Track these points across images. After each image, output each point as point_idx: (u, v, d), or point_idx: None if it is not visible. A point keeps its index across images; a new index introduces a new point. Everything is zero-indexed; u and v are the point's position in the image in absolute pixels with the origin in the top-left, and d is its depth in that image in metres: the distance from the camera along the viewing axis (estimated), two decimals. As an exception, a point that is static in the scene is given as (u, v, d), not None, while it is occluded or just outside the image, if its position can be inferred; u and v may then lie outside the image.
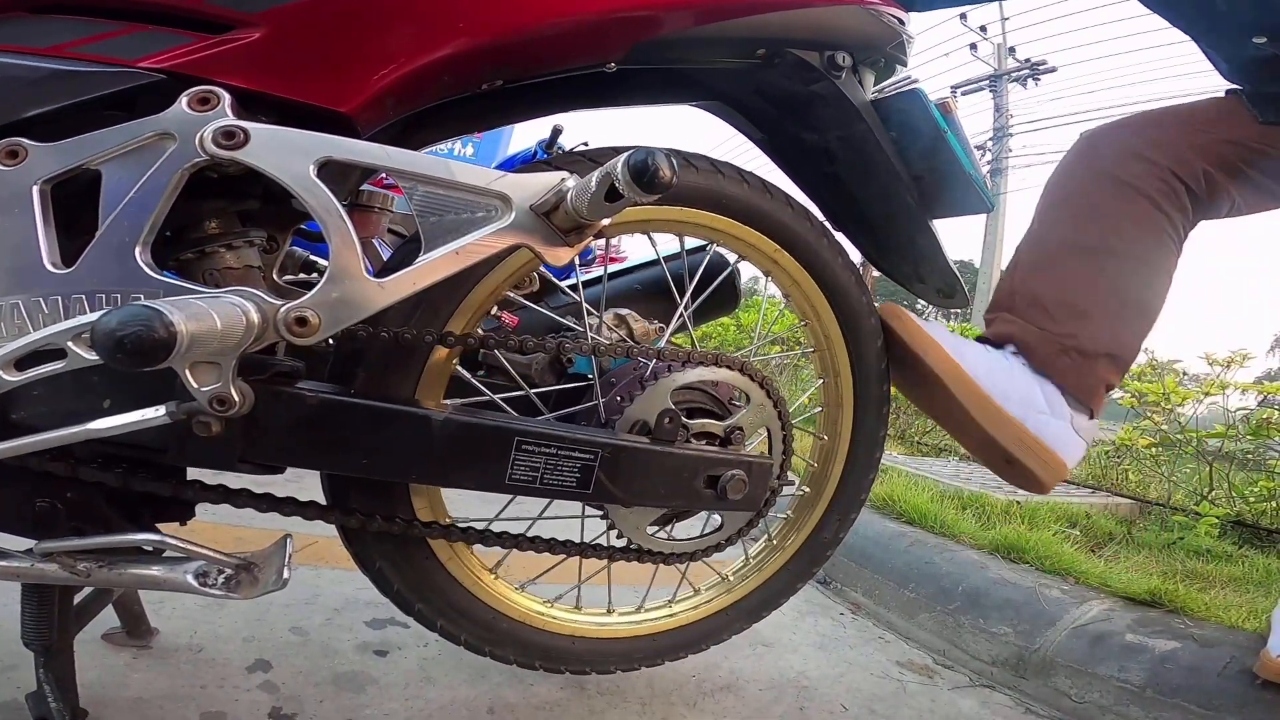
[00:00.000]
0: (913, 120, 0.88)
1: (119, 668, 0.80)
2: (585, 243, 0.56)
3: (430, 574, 0.75)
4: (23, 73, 0.53)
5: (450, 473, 0.60)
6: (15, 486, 0.55)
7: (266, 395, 0.49)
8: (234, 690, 0.80)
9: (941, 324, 0.97)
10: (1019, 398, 0.91)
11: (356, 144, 0.54)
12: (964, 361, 0.90)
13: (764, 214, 0.82)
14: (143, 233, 0.49)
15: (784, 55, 0.80)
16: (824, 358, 0.90)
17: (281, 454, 0.54)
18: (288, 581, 0.52)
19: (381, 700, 0.84)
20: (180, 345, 0.35)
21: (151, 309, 0.35)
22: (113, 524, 0.55)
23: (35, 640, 0.60)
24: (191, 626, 0.91)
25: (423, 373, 0.66)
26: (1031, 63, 11.25)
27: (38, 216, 0.50)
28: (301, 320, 0.47)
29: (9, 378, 0.44)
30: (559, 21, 0.67)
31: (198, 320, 0.37)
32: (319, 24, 0.59)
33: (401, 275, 0.50)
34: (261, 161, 0.51)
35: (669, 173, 0.46)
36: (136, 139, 0.52)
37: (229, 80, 0.56)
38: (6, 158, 0.51)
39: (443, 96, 0.70)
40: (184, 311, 0.36)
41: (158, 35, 0.56)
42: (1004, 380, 0.91)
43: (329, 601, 1.06)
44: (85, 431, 0.45)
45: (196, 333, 0.36)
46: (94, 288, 0.47)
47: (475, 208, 0.54)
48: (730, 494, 0.72)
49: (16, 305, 0.47)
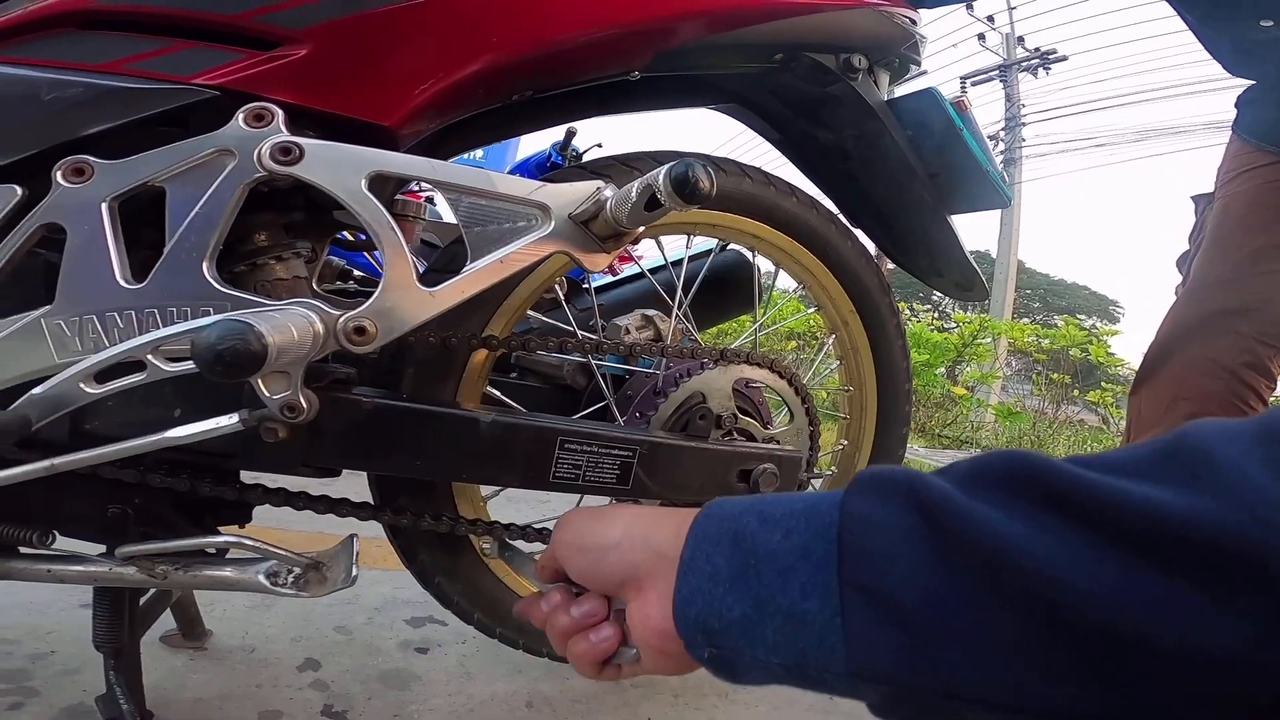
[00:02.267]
0: (927, 119, 0.89)
1: (178, 669, 0.83)
2: (622, 249, 0.58)
3: (474, 571, 0.77)
4: (82, 90, 0.55)
5: (498, 472, 0.63)
6: (87, 494, 0.58)
7: (327, 401, 0.52)
8: (287, 689, 0.83)
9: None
10: None
11: (405, 158, 0.56)
12: None
13: (796, 220, 0.84)
14: (209, 248, 0.51)
15: (800, 59, 0.82)
16: (847, 359, 0.93)
17: (341, 457, 0.57)
18: (356, 579, 0.55)
19: (426, 696, 0.87)
20: (271, 357, 0.37)
21: (244, 323, 0.37)
22: (179, 528, 0.58)
23: (107, 643, 0.62)
24: (243, 628, 0.95)
25: (463, 375, 0.69)
26: (1041, 51, 11.17)
27: (108, 233, 0.52)
28: (360, 329, 0.49)
29: (90, 390, 0.46)
30: (587, 35, 0.69)
31: (281, 333, 0.40)
32: (361, 40, 0.61)
33: (451, 284, 0.53)
34: (316, 176, 0.54)
35: (708, 184, 0.48)
36: (197, 156, 0.54)
37: (279, 96, 0.58)
38: (74, 175, 0.53)
39: (477, 108, 0.73)
40: (270, 324, 0.39)
41: (208, 52, 0.57)
42: None
43: (369, 601, 1.09)
44: (163, 439, 0.48)
45: (282, 344, 0.39)
46: (165, 302, 0.50)
47: (517, 217, 0.56)
48: (762, 486, 0.74)
49: (92, 319, 0.50)
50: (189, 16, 0.57)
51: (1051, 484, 0.26)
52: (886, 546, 0.28)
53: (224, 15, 0.58)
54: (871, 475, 0.31)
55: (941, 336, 5.13)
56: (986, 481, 0.28)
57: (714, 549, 0.33)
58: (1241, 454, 0.24)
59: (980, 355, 5.08)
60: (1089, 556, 0.24)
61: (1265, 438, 0.25)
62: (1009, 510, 0.26)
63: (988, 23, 11.37)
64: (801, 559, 0.30)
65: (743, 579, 0.31)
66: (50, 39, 0.56)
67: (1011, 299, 10.68)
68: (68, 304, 0.50)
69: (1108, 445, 4.32)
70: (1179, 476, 0.25)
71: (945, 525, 0.27)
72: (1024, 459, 0.27)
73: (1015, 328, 5.80)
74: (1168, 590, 0.23)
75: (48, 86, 0.55)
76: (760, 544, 0.31)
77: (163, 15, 0.57)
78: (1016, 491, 0.27)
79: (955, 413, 4.64)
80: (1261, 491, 0.23)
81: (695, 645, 0.33)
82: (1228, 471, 0.24)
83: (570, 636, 0.40)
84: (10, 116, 0.55)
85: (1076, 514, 0.25)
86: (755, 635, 0.31)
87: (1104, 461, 0.27)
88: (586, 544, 0.40)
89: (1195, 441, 0.26)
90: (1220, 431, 0.26)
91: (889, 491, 0.29)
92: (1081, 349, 5.11)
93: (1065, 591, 0.24)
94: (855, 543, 0.29)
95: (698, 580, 0.33)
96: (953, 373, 5.28)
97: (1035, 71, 11.32)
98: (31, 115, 0.55)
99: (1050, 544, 0.25)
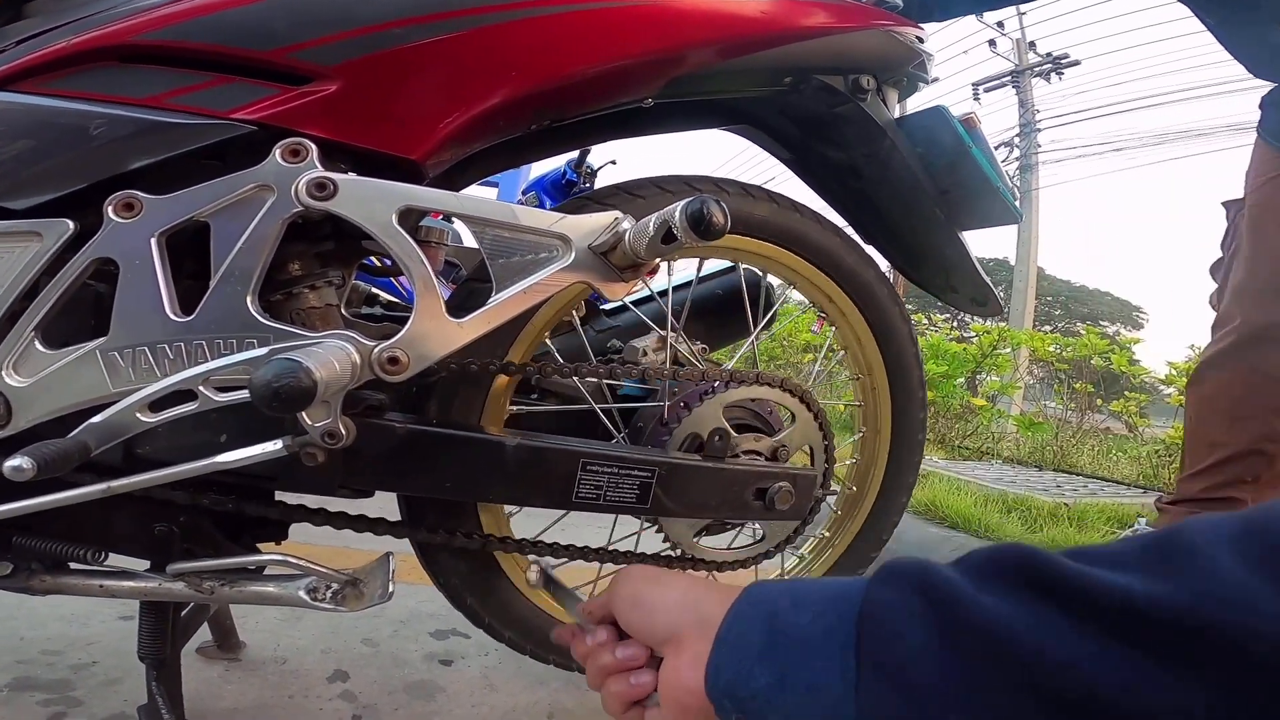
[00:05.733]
0: (937, 136, 0.91)
1: (213, 680, 0.86)
2: (639, 278, 0.60)
3: (497, 586, 0.80)
4: (130, 124, 0.56)
5: (524, 492, 0.65)
6: (135, 514, 0.61)
7: (362, 427, 0.55)
8: (318, 700, 0.86)
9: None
10: None
11: (433, 193, 0.59)
12: None
13: (818, 247, 0.87)
14: (251, 281, 0.54)
15: (809, 81, 0.84)
16: (862, 375, 0.94)
17: (375, 479, 0.59)
18: (393, 595, 0.58)
19: (450, 707, 0.89)
20: (320, 392, 0.40)
21: (296, 362, 0.40)
22: (221, 546, 0.61)
23: (151, 655, 0.65)
24: (274, 640, 0.98)
25: (487, 399, 0.72)
26: (1053, 56, 11.11)
27: (157, 267, 0.54)
28: (394, 359, 0.52)
29: (146, 419, 0.50)
30: (602, 66, 0.71)
31: (327, 367, 0.43)
32: (388, 77, 0.63)
33: (478, 315, 0.55)
34: (350, 211, 0.56)
35: (722, 220, 0.50)
36: (239, 191, 0.56)
37: (312, 130, 0.59)
38: (124, 210, 0.55)
39: (497, 138, 0.76)
40: (316, 361, 0.42)
41: (244, 86, 0.59)
42: None
43: (394, 614, 1.12)
44: (214, 464, 0.51)
45: (327, 379, 0.42)
46: (213, 334, 0.53)
47: (539, 248, 0.59)
48: (778, 504, 0.76)
49: (144, 351, 0.53)
50: (225, 52, 0.59)
51: (1046, 576, 0.30)
52: (901, 630, 0.32)
53: (259, 51, 0.59)
54: (892, 567, 0.35)
55: (960, 347, 5.09)
56: (993, 572, 0.31)
57: (749, 625, 0.37)
58: (1217, 545, 0.27)
59: (1000, 366, 5.03)
60: (1072, 637, 0.28)
61: (1244, 532, 0.28)
62: (1009, 599, 0.30)
63: (998, 29, 11.32)
64: (825, 638, 0.34)
65: (771, 653, 0.35)
66: (93, 72, 0.58)
67: (1032, 307, 10.57)
68: (122, 336, 0.54)
69: (1133, 454, 4.24)
70: (1158, 565, 0.28)
71: (952, 613, 0.31)
72: (1030, 555, 0.31)
73: (1035, 337, 5.73)
74: (1136, 665, 0.26)
75: (97, 121, 0.57)
76: (790, 623, 0.36)
77: (201, 50, 0.59)
78: (1016, 581, 0.30)
79: (975, 423, 4.60)
80: (1222, 575, 0.26)
81: (722, 709, 0.37)
82: (1200, 560, 0.27)
83: (611, 675, 0.45)
84: (62, 150, 0.57)
85: (1065, 601, 0.29)
86: (777, 704, 0.35)
87: (1100, 554, 0.30)
88: (642, 600, 0.44)
89: (1181, 533, 0.29)
90: (1207, 525, 0.29)
91: (907, 582, 0.33)
92: (1104, 357, 5.04)
93: (1050, 667, 0.28)
94: (873, 626, 0.33)
95: (731, 651, 0.37)
96: (973, 384, 5.23)
97: (1048, 76, 11.24)
98: (82, 149, 0.57)
99: (1040, 628, 0.29)
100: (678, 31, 0.72)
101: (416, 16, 0.63)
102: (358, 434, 0.52)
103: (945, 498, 1.80)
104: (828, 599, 0.35)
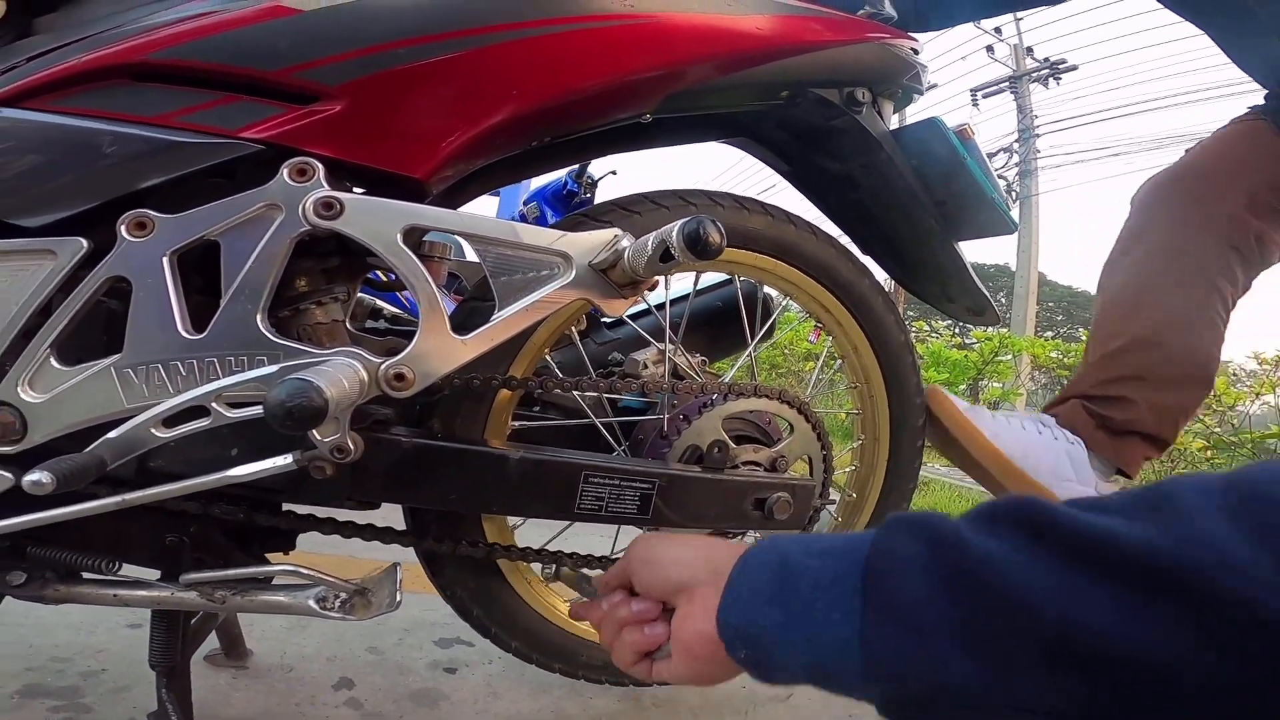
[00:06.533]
0: (931, 148, 0.92)
1: (222, 687, 0.87)
2: (638, 295, 0.62)
3: (501, 595, 0.81)
4: (142, 143, 0.57)
5: (526, 504, 0.66)
6: (147, 524, 0.63)
7: (369, 441, 0.56)
8: (324, 707, 0.87)
9: (982, 409, 1.06)
10: (1047, 469, 1.01)
11: (437, 212, 0.60)
12: (1001, 444, 1.01)
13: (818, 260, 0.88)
14: (261, 299, 0.55)
15: (805, 94, 0.85)
16: (859, 384, 0.95)
17: (381, 492, 0.61)
18: (400, 604, 0.59)
19: (454, 714, 0.91)
20: (331, 410, 0.42)
21: (308, 382, 0.42)
22: (231, 555, 0.62)
23: (161, 662, 0.67)
24: (281, 648, 0.99)
25: (490, 413, 0.73)
26: (1051, 62, 11.15)
27: (169, 285, 0.56)
28: (400, 376, 0.54)
29: (160, 435, 0.51)
30: (601, 83, 0.73)
31: (336, 386, 0.44)
32: (392, 96, 0.64)
33: (482, 331, 0.57)
34: (356, 230, 0.57)
35: (718, 239, 0.52)
36: (249, 211, 0.57)
37: (318, 150, 0.60)
38: (136, 229, 0.56)
39: (498, 155, 0.77)
40: (327, 380, 0.43)
41: (251, 106, 0.60)
42: (1035, 455, 1.02)
43: (398, 623, 1.13)
44: (226, 478, 0.52)
45: (338, 398, 0.43)
46: (224, 352, 0.54)
47: (540, 266, 0.60)
48: (776, 514, 0.77)
49: (158, 368, 0.55)
50: (233, 71, 0.60)
51: (1041, 520, 0.32)
52: (905, 574, 0.34)
53: (265, 71, 0.60)
54: (899, 517, 0.37)
55: (961, 355, 5.09)
56: (993, 518, 0.34)
57: (760, 570, 0.40)
58: (1202, 495, 0.29)
59: (1002, 373, 5.04)
60: (1060, 574, 0.30)
61: (1228, 486, 0.30)
62: (1006, 542, 0.32)
63: (995, 35, 11.37)
64: (834, 582, 0.36)
65: (780, 594, 0.38)
66: (105, 90, 0.59)
67: (1033, 313, 10.57)
68: (135, 353, 0.55)
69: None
70: (1146, 513, 0.30)
71: (952, 556, 0.33)
72: (1029, 503, 0.33)
73: (1037, 344, 5.74)
74: (1119, 600, 0.28)
75: (108, 139, 0.57)
76: (800, 567, 0.38)
77: (209, 70, 0.60)
78: (1013, 527, 0.33)
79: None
80: (1201, 523, 0.28)
81: (733, 647, 0.40)
82: (1184, 508, 0.29)
83: (626, 626, 0.48)
84: (73, 168, 0.58)
85: (1055, 541, 0.31)
86: (785, 641, 0.37)
87: (1094, 503, 0.32)
88: (657, 556, 0.47)
89: (1167, 484, 0.31)
90: (1196, 479, 0.31)
91: (913, 530, 0.35)
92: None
93: (1040, 603, 0.30)
94: (880, 570, 0.35)
95: (742, 593, 0.40)
96: (975, 391, 5.23)
97: (1046, 82, 11.28)
98: (93, 167, 0.57)
99: (1031, 566, 0.31)
100: (675, 48, 0.74)
101: (419, 37, 0.64)
102: (365, 448, 0.54)
103: (947, 505, 1.81)
104: (837, 548, 0.38)
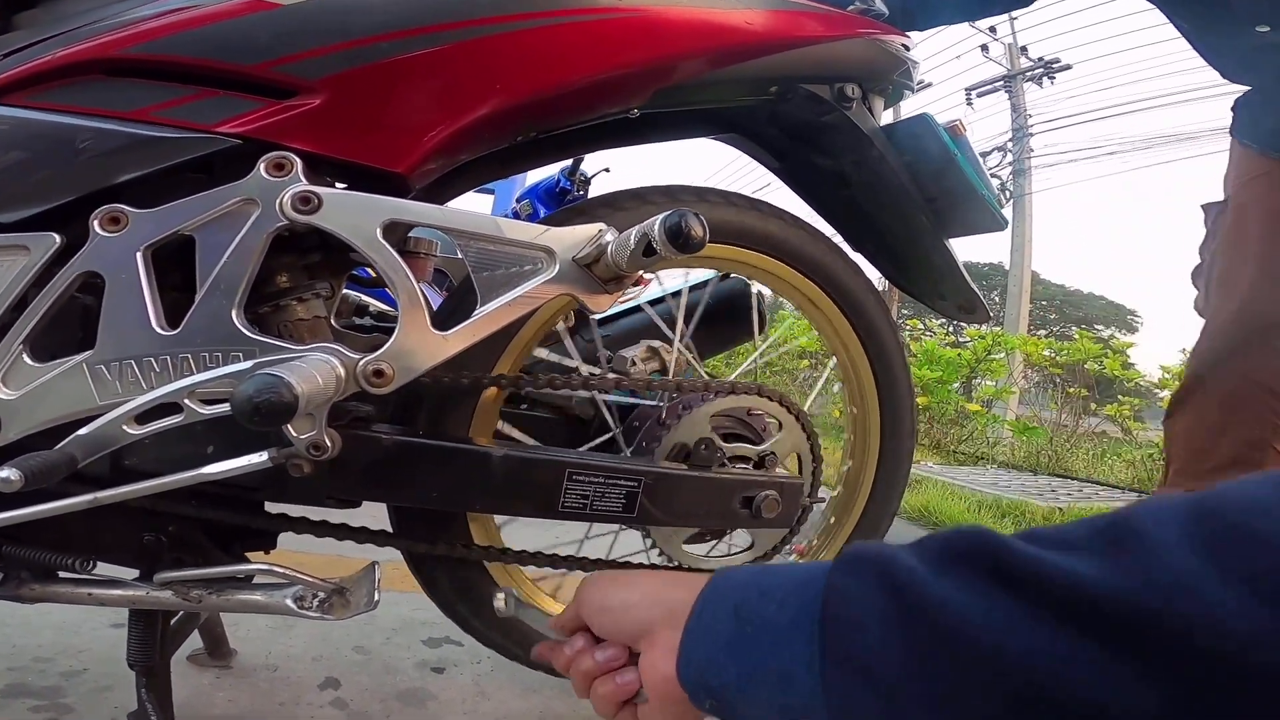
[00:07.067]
0: (923, 144, 0.91)
1: (205, 687, 0.86)
2: (623, 290, 0.61)
3: (488, 594, 0.80)
4: (116, 138, 0.56)
5: (510, 502, 0.66)
6: (123, 523, 0.62)
7: (348, 439, 0.55)
8: (309, 707, 0.86)
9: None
10: None
11: (418, 206, 0.59)
12: None
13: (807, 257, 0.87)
14: (237, 295, 0.55)
15: (795, 90, 0.84)
16: (849, 384, 0.95)
17: (362, 490, 0.60)
18: (378, 603, 0.58)
19: (442, 714, 0.90)
20: (301, 406, 0.41)
21: (277, 377, 0.41)
22: (209, 554, 0.61)
23: (140, 662, 0.66)
24: (266, 647, 0.98)
25: (475, 410, 0.72)
26: (1045, 61, 11.17)
27: (143, 281, 0.55)
28: (379, 372, 0.53)
29: (132, 431, 0.50)
30: (587, 78, 0.72)
31: (309, 382, 0.43)
32: (373, 90, 0.63)
33: (463, 327, 0.56)
34: (334, 224, 0.57)
35: (700, 233, 0.51)
36: (224, 205, 0.56)
37: (296, 144, 0.59)
38: (110, 224, 0.55)
39: (483, 150, 0.76)
40: (298, 375, 0.42)
41: (229, 100, 0.59)
42: None
43: (386, 622, 1.12)
44: (199, 475, 0.51)
45: (310, 393, 0.42)
46: (198, 347, 0.53)
47: (523, 261, 0.59)
48: (764, 513, 0.76)
49: (130, 364, 0.54)
50: (210, 66, 0.59)
51: (1002, 563, 0.30)
52: (862, 621, 0.32)
53: (244, 65, 0.59)
54: (852, 554, 0.35)
55: (954, 353, 5.11)
56: (951, 558, 0.32)
57: (716, 616, 0.38)
58: (1167, 528, 0.27)
59: (995, 370, 5.05)
60: (1025, 626, 0.28)
61: (1195, 515, 0.28)
62: (965, 588, 0.30)
63: (990, 34, 11.39)
64: (791, 629, 0.34)
65: (740, 644, 0.36)
66: (79, 85, 0.58)
67: (1026, 311, 10.61)
68: (108, 349, 0.54)
69: (1128, 458, 4.26)
70: (1109, 549, 0.28)
71: (910, 603, 0.31)
72: (986, 539, 0.31)
73: (1029, 342, 5.76)
74: (1087, 654, 0.27)
75: (83, 134, 0.56)
76: (757, 615, 0.36)
77: (186, 64, 0.59)
78: (973, 568, 0.31)
79: (970, 428, 4.61)
80: (1168, 560, 0.26)
81: (697, 698, 0.38)
82: (1149, 544, 0.27)
83: (594, 679, 0.45)
84: (48, 164, 0.57)
85: (1019, 588, 0.29)
86: (749, 694, 0.36)
87: (1054, 536, 0.31)
88: (609, 604, 0.45)
89: (1131, 517, 0.29)
90: (1159, 508, 0.29)
91: (867, 569, 0.34)
92: (1098, 361, 5.07)
93: (1004, 657, 0.28)
94: (836, 617, 0.33)
95: (699, 641, 0.38)
96: (968, 388, 5.24)
97: (1040, 81, 11.31)
98: (68, 162, 0.57)
99: (993, 615, 0.29)
100: (662, 43, 0.73)
101: (400, 31, 0.63)
102: (344, 446, 0.53)
103: (939, 503, 1.81)
104: (791, 588, 0.36)
